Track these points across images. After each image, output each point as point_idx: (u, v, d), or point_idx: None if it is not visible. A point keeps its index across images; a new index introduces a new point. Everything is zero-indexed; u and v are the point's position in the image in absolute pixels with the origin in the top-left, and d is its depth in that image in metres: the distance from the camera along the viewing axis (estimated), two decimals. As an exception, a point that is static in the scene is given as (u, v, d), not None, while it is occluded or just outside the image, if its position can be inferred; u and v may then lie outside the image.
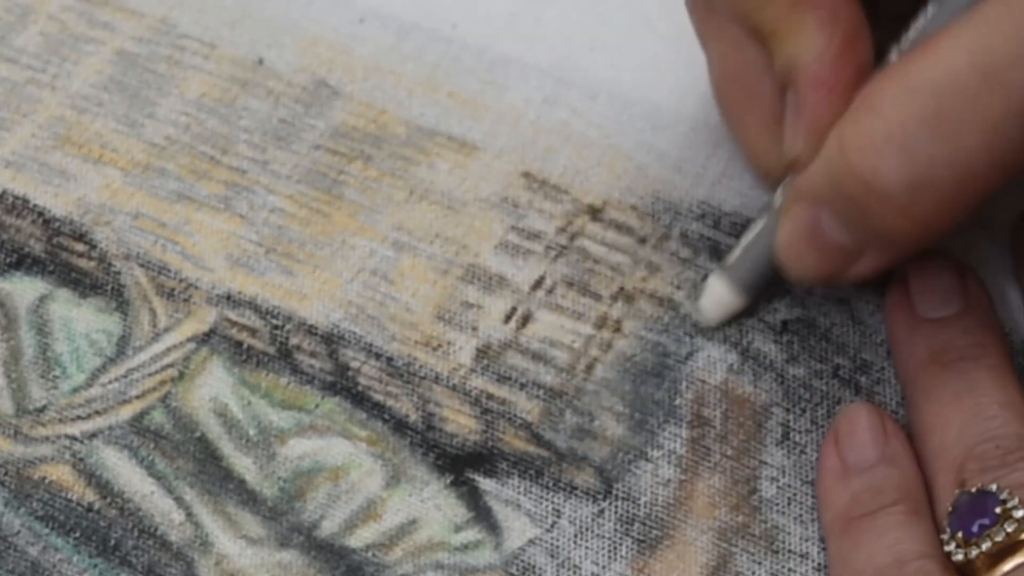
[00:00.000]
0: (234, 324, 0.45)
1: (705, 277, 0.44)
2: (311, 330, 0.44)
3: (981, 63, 0.36)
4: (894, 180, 0.37)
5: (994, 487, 0.38)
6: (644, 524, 0.41)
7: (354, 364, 0.44)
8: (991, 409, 0.40)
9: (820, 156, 0.39)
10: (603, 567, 0.41)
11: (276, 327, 0.44)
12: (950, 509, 0.39)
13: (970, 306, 0.42)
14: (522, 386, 0.43)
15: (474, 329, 0.44)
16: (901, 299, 0.43)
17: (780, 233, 0.41)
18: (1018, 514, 0.37)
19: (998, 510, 0.38)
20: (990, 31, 0.36)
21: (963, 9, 0.37)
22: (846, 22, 0.40)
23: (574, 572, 0.41)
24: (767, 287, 0.44)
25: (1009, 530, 0.38)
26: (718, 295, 0.44)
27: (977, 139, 0.36)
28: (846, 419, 0.41)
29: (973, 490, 0.38)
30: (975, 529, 0.38)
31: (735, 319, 0.44)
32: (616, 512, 0.42)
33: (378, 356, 0.44)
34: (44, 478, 0.42)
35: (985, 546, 0.38)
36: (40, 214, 0.47)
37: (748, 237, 0.43)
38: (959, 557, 0.38)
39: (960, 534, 0.38)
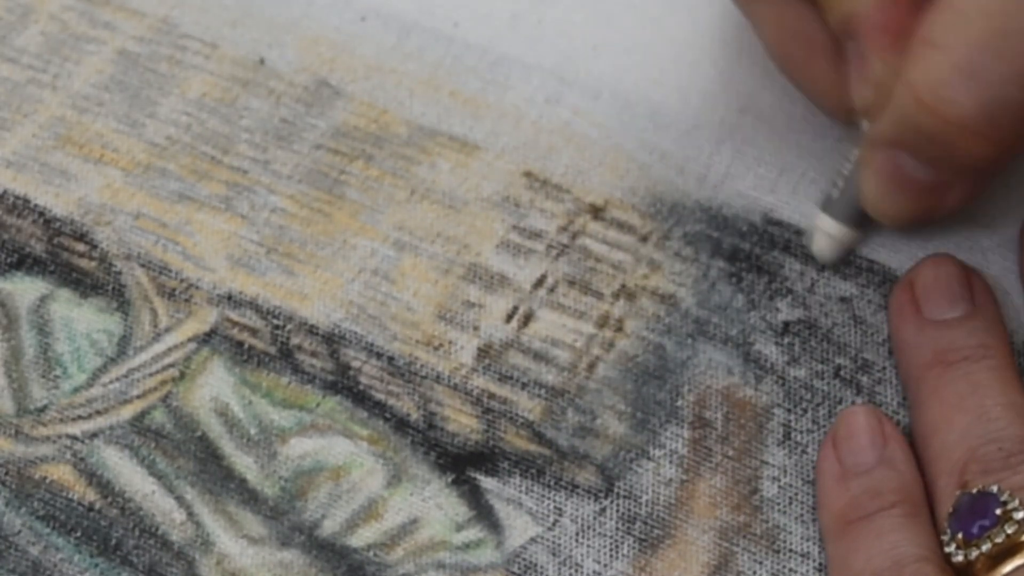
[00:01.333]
0: (235, 324, 0.45)
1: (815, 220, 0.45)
2: (312, 330, 0.44)
3: None
4: (969, 109, 0.37)
5: (995, 488, 0.38)
6: (646, 523, 0.41)
7: (355, 364, 0.44)
8: (994, 411, 0.40)
9: (892, 102, 0.39)
10: (605, 565, 0.41)
11: (277, 327, 0.44)
12: (951, 510, 0.39)
13: (976, 308, 0.42)
14: (524, 385, 0.43)
15: (476, 328, 0.44)
16: (906, 300, 0.43)
17: (865, 184, 0.42)
18: (1018, 516, 0.37)
19: (998, 511, 0.38)
20: None
21: None
22: None
23: (575, 570, 0.41)
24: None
25: (1009, 532, 0.37)
26: (830, 233, 0.44)
27: None
28: (844, 421, 0.41)
29: (974, 491, 0.38)
30: (975, 530, 0.38)
31: (737, 320, 0.44)
32: (618, 511, 0.42)
33: (379, 356, 0.44)
34: (45, 478, 0.42)
35: (985, 547, 0.38)
36: (41, 214, 0.47)
37: (846, 169, 0.44)
38: (959, 558, 0.38)
39: (960, 535, 0.38)
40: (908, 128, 0.39)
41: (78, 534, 0.41)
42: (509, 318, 0.44)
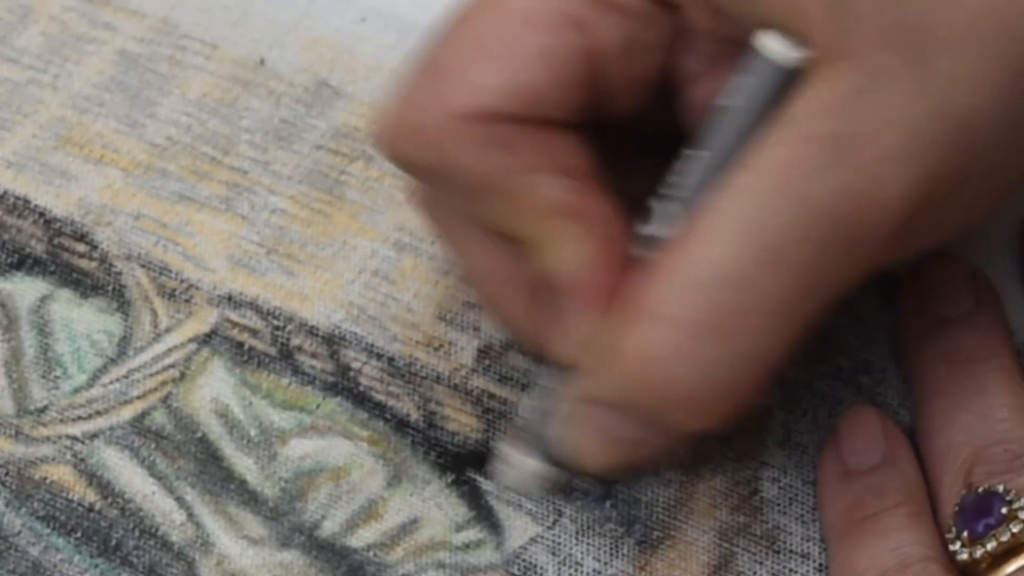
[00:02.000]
0: (235, 325, 0.45)
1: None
2: (312, 331, 0.44)
3: (757, 248, 0.34)
4: (686, 385, 0.35)
5: (1000, 488, 0.38)
6: (645, 524, 0.41)
7: (355, 364, 0.44)
8: (1000, 412, 0.40)
9: (605, 366, 0.36)
10: (605, 564, 0.41)
11: (277, 328, 0.44)
12: (956, 508, 0.39)
13: (981, 308, 0.42)
14: (523, 386, 0.43)
15: (476, 329, 0.44)
16: (912, 299, 0.43)
17: (569, 435, 0.39)
18: (1023, 515, 0.37)
19: (1004, 510, 0.38)
20: (759, 209, 0.34)
21: (718, 167, 0.35)
22: (602, 223, 0.37)
23: (575, 570, 0.41)
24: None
25: (1015, 531, 0.37)
26: (516, 465, 0.41)
27: (766, 326, 0.34)
28: (847, 421, 0.41)
29: (979, 490, 0.38)
30: (980, 529, 0.38)
31: None
32: (617, 512, 0.41)
33: (379, 356, 0.44)
34: (45, 478, 0.42)
35: (990, 546, 0.38)
36: (41, 214, 0.47)
37: (538, 400, 0.41)
38: (964, 556, 0.38)
39: (966, 533, 0.38)
40: (622, 396, 0.36)
41: (78, 535, 0.41)
42: (509, 319, 0.44)
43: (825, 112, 0.33)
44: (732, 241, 0.34)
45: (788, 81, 0.34)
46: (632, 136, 0.40)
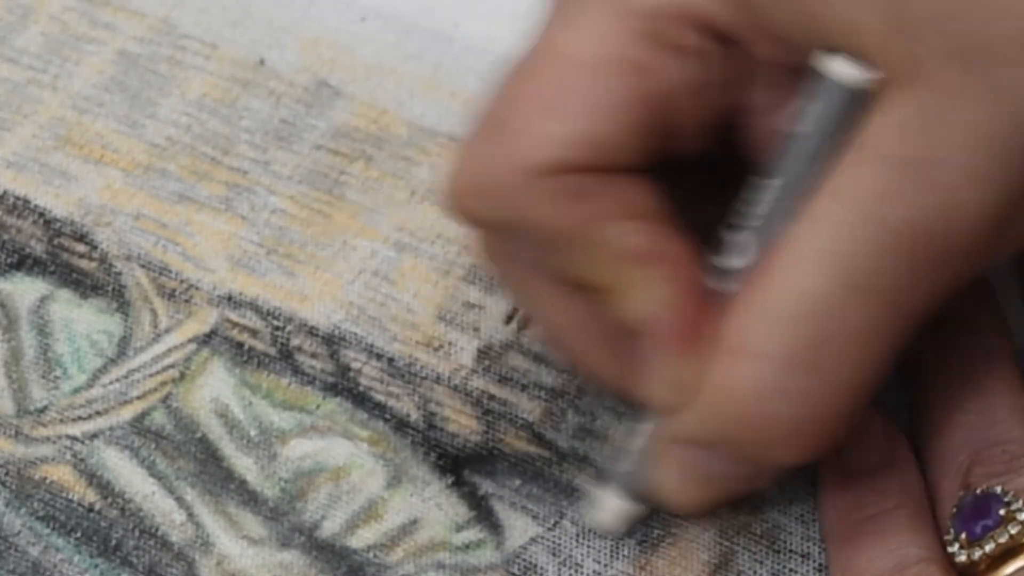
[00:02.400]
0: (235, 325, 0.45)
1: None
2: (312, 331, 0.44)
3: (842, 277, 0.34)
4: (779, 420, 0.35)
5: (999, 489, 0.38)
6: (645, 524, 0.41)
7: (355, 365, 0.44)
8: (1000, 413, 0.40)
9: (697, 405, 0.36)
10: (605, 565, 0.41)
11: (277, 328, 0.44)
12: (954, 510, 0.39)
13: (980, 308, 0.42)
14: (523, 387, 0.43)
15: (476, 330, 0.44)
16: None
17: (662, 476, 0.39)
18: (1022, 516, 0.37)
19: (1002, 512, 0.38)
20: (841, 237, 0.34)
21: (791, 195, 0.35)
22: (679, 264, 0.37)
23: (576, 570, 0.41)
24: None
25: (1012, 532, 0.37)
26: (614, 510, 0.41)
27: (856, 356, 0.35)
28: None
29: (978, 492, 0.38)
30: (978, 530, 0.38)
31: None
32: (618, 512, 0.42)
33: (379, 357, 0.44)
34: (45, 478, 0.42)
35: (988, 548, 0.38)
36: (41, 215, 0.47)
37: (633, 445, 0.41)
38: (962, 558, 0.38)
39: (964, 535, 0.38)
40: (714, 434, 0.36)
41: (78, 535, 0.41)
42: (509, 319, 0.44)
43: (900, 135, 0.33)
44: (815, 271, 0.34)
45: (857, 104, 0.33)
46: (698, 171, 0.39)
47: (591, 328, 0.39)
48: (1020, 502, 0.38)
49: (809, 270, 0.34)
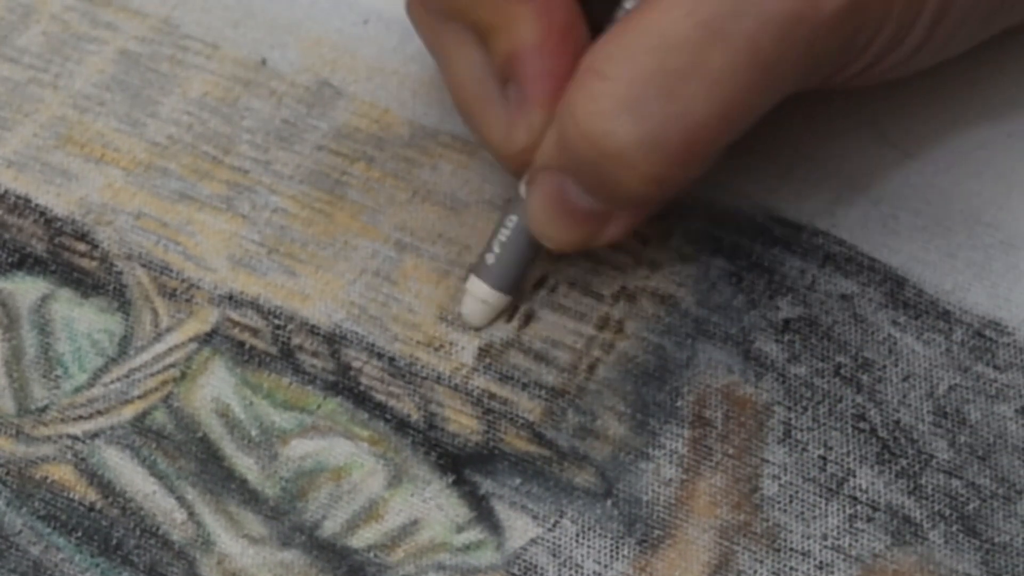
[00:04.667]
0: (236, 324, 0.45)
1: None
2: (313, 330, 0.44)
3: (701, 17, 0.37)
4: (625, 141, 0.38)
5: None
6: (646, 524, 0.41)
7: (356, 364, 0.44)
8: None
9: (554, 126, 0.39)
10: (605, 566, 0.41)
11: (278, 327, 0.44)
12: None
13: None
14: (524, 386, 0.43)
15: (476, 330, 0.44)
16: None
17: (530, 206, 0.41)
18: None
19: None
20: None
21: None
22: (560, 11, 0.40)
23: (576, 571, 0.41)
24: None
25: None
26: (482, 299, 0.44)
27: (703, 93, 0.37)
28: None
29: None
30: None
31: (737, 318, 0.44)
32: (618, 512, 0.42)
33: (380, 356, 0.44)
34: (46, 478, 0.42)
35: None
36: (42, 214, 0.47)
37: (499, 237, 0.43)
38: None
39: None
40: (568, 154, 0.39)
41: (79, 534, 0.41)
42: (509, 318, 0.44)
43: None
44: (680, 11, 0.37)
45: None
46: None
47: (486, 82, 0.41)
48: None
49: (674, 11, 0.37)
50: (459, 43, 0.42)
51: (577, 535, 0.41)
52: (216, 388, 0.44)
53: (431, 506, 0.42)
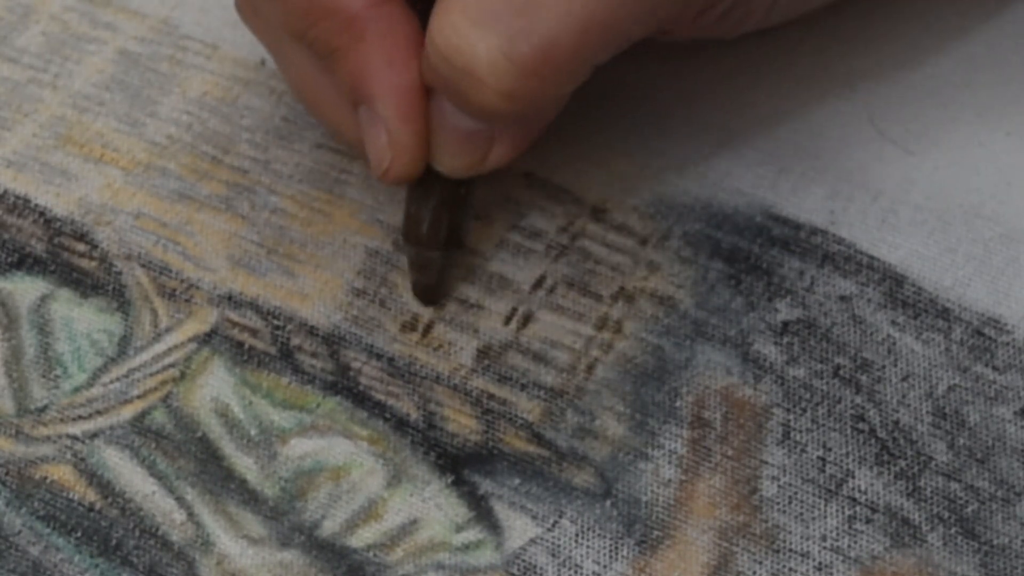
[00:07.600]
0: (235, 324, 0.45)
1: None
2: (312, 330, 0.44)
3: None
4: (473, 55, 0.38)
5: None
6: (645, 524, 0.41)
7: (355, 364, 0.44)
8: None
9: (424, 47, 0.40)
10: (604, 566, 0.41)
11: (277, 327, 0.44)
12: None
13: None
14: (523, 386, 0.43)
15: (475, 330, 0.44)
16: None
17: (432, 137, 0.42)
18: None
19: None
20: None
21: None
22: (402, 24, 0.41)
23: (575, 571, 0.41)
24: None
25: None
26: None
27: (555, 10, 0.38)
28: None
29: None
30: None
31: (736, 321, 0.44)
32: (617, 512, 0.42)
33: (379, 356, 0.44)
34: (45, 478, 0.42)
35: None
36: (41, 214, 0.47)
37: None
38: None
39: None
40: (432, 72, 0.40)
41: (78, 534, 0.41)
42: (508, 319, 0.44)
43: None
44: None
45: None
46: None
47: (328, 87, 0.42)
48: None
49: None
50: (301, 53, 0.42)
51: (576, 535, 0.41)
52: (215, 388, 0.44)
53: (430, 506, 0.42)
